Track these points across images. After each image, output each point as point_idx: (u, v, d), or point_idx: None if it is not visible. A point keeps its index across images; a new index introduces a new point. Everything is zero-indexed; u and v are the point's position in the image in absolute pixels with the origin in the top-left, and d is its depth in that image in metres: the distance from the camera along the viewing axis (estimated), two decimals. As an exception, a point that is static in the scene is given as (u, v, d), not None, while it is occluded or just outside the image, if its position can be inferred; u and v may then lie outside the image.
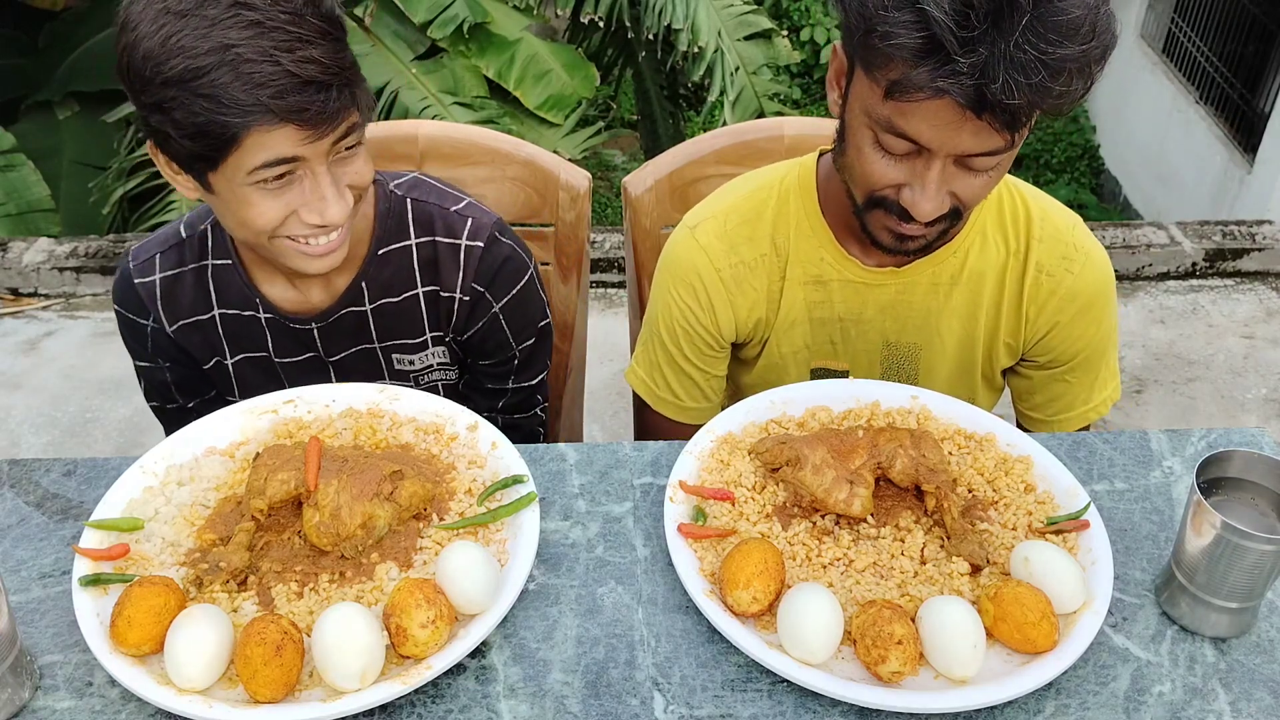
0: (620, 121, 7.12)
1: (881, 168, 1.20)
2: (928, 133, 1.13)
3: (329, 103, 1.13)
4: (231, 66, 1.09)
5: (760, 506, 1.19)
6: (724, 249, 1.41)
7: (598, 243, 3.75)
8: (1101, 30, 1.08)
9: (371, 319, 1.43)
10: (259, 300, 1.41)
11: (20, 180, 4.09)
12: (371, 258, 1.40)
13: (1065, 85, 1.07)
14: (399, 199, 1.42)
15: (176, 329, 1.43)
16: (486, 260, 1.41)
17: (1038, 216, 1.38)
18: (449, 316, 1.45)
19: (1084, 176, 7.13)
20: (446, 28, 4.42)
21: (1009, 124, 1.10)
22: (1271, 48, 5.68)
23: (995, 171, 1.19)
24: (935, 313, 1.42)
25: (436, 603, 1.02)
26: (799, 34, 7.92)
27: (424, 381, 1.51)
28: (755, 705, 1.02)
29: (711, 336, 1.45)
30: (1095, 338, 1.43)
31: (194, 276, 1.41)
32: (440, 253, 1.41)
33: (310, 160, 1.18)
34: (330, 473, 1.14)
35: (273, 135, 1.13)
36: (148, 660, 1.02)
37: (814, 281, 1.41)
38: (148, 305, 1.42)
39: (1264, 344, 3.53)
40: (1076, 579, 1.07)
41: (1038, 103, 1.08)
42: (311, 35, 1.13)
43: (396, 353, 1.47)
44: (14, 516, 1.21)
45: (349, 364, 1.47)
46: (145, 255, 1.42)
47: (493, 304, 1.44)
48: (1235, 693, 1.04)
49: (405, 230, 1.41)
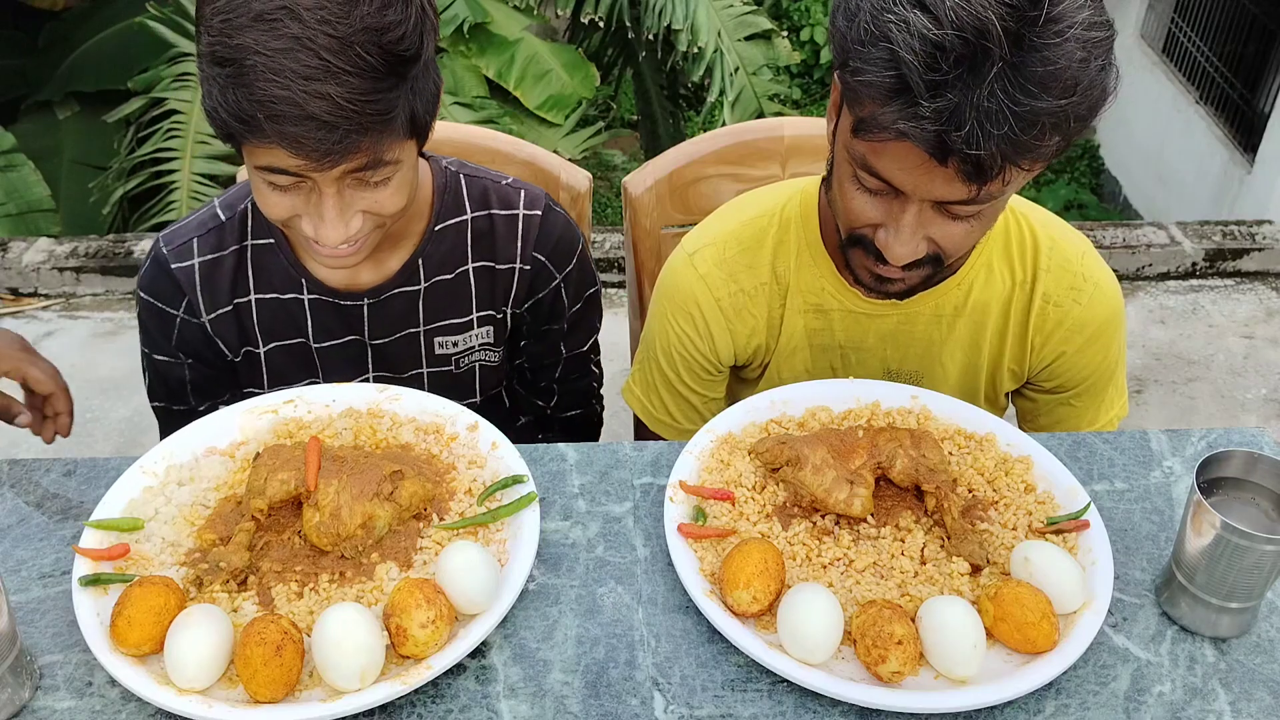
0: (620, 121, 7.12)
1: (859, 204, 1.16)
2: (898, 175, 1.09)
3: (328, 142, 1.07)
4: (248, 73, 1.05)
5: (760, 506, 1.19)
6: (723, 277, 1.39)
7: (598, 243, 3.75)
8: (1087, 86, 1.01)
9: (422, 299, 1.41)
10: (304, 280, 1.37)
11: (20, 180, 4.09)
12: (430, 234, 1.38)
13: (1037, 140, 1.01)
14: (453, 175, 1.41)
15: (214, 318, 1.39)
16: (545, 228, 1.41)
17: (1046, 246, 1.35)
18: (506, 290, 1.43)
19: (1084, 176, 7.13)
20: (446, 28, 4.42)
21: (975, 175, 1.03)
22: (1271, 48, 5.68)
23: (978, 221, 1.14)
24: (938, 343, 1.40)
25: (436, 603, 1.02)
26: (799, 34, 7.92)
27: (464, 364, 1.48)
28: (755, 705, 1.02)
29: (710, 363, 1.45)
30: (1102, 364, 1.41)
31: (234, 259, 1.37)
32: (496, 225, 1.40)
33: (316, 179, 1.14)
34: (330, 473, 1.14)
35: (269, 150, 1.10)
36: (148, 660, 1.02)
37: (814, 310, 1.40)
38: (185, 291, 1.37)
39: (1264, 344, 3.53)
40: (1076, 579, 1.07)
41: (1008, 154, 1.01)
42: (345, 68, 1.05)
43: (440, 335, 1.45)
44: (14, 516, 1.21)
45: (391, 349, 1.44)
46: (182, 239, 1.37)
47: (555, 274, 1.44)
48: (1235, 693, 1.04)
49: (462, 205, 1.40)
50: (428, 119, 1.19)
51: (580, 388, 1.62)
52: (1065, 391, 1.44)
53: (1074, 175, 7.12)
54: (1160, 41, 6.69)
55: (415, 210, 1.36)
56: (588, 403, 1.66)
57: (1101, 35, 1.02)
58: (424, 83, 1.16)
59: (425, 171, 1.39)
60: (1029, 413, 1.51)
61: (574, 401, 1.63)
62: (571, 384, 1.60)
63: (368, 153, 1.13)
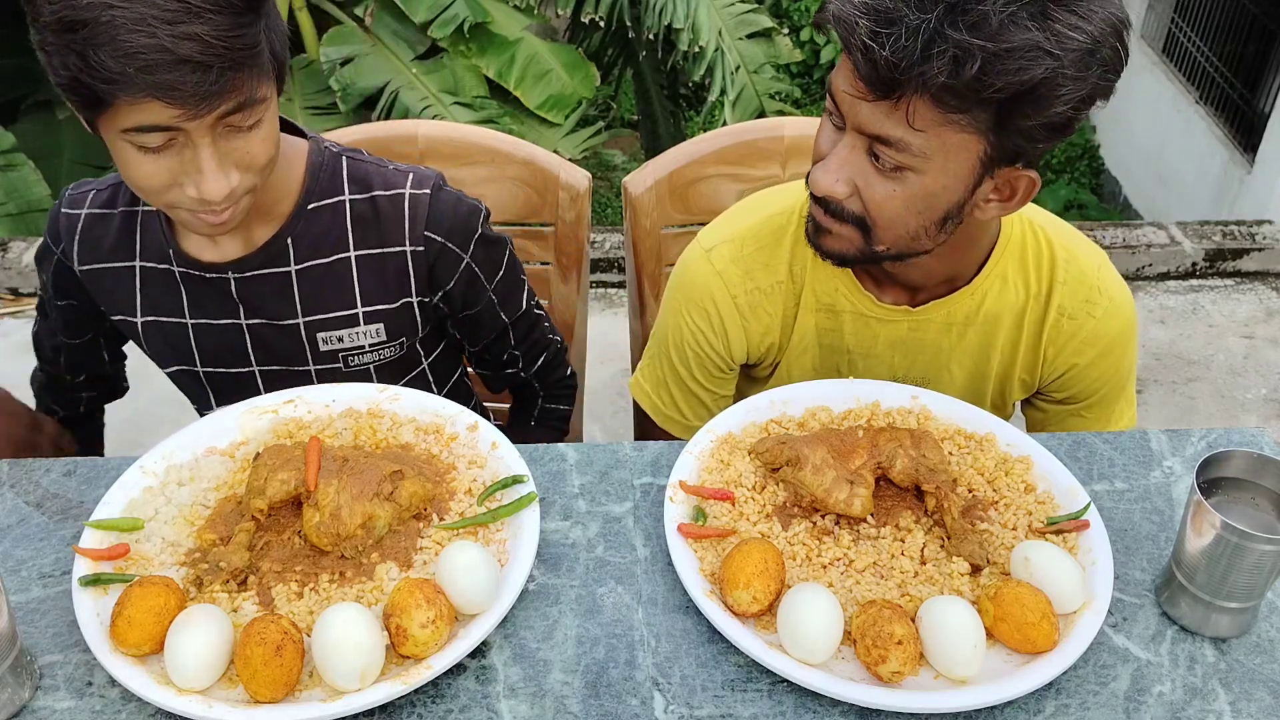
0: (620, 121, 7.13)
1: (822, 138, 1.21)
2: (840, 93, 1.14)
3: (205, 84, 1.06)
4: (106, 29, 1.02)
5: (760, 506, 1.19)
6: (740, 274, 1.39)
7: (598, 243, 3.75)
8: (1024, 49, 1.03)
9: (296, 284, 1.37)
10: (172, 250, 1.35)
11: (20, 180, 4.08)
12: (300, 211, 1.34)
13: (933, 60, 1.03)
14: (333, 155, 1.37)
15: (86, 270, 1.38)
16: (436, 207, 1.36)
17: (1063, 259, 1.35)
18: (401, 276, 1.38)
19: (1084, 176, 7.14)
20: (446, 28, 4.42)
21: (876, 83, 1.08)
22: (1271, 48, 5.68)
23: (899, 184, 1.15)
24: (946, 351, 1.40)
25: (436, 603, 1.02)
26: (799, 33, 7.92)
27: (354, 364, 1.43)
28: (755, 705, 1.02)
29: (722, 360, 1.44)
30: (1114, 377, 1.41)
31: (122, 220, 1.36)
32: (380, 208, 1.35)
33: (190, 132, 1.11)
34: (330, 473, 1.14)
35: (142, 106, 1.08)
36: (148, 660, 1.02)
37: (826, 309, 1.40)
38: (63, 237, 1.37)
39: (1264, 344, 3.53)
40: (1076, 579, 1.07)
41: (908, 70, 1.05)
42: (205, 7, 1.05)
43: (323, 329, 1.39)
44: (14, 516, 1.21)
45: (270, 337, 1.40)
46: (84, 188, 1.38)
47: (460, 254, 1.39)
48: (1235, 693, 1.04)
49: (339, 186, 1.35)
50: (284, 56, 1.19)
51: (537, 338, 1.57)
52: (1077, 403, 1.44)
53: (1074, 175, 7.13)
54: (1160, 41, 6.69)
55: (283, 186, 1.33)
56: (547, 342, 1.60)
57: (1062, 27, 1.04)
58: (275, 19, 1.17)
59: (299, 147, 1.36)
60: (1039, 422, 1.50)
61: (536, 352, 1.59)
62: (531, 342, 1.57)
63: (242, 91, 1.11)
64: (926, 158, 1.12)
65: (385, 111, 4.27)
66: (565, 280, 1.81)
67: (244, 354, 1.42)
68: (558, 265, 1.80)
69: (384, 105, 4.29)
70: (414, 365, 1.51)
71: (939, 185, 1.15)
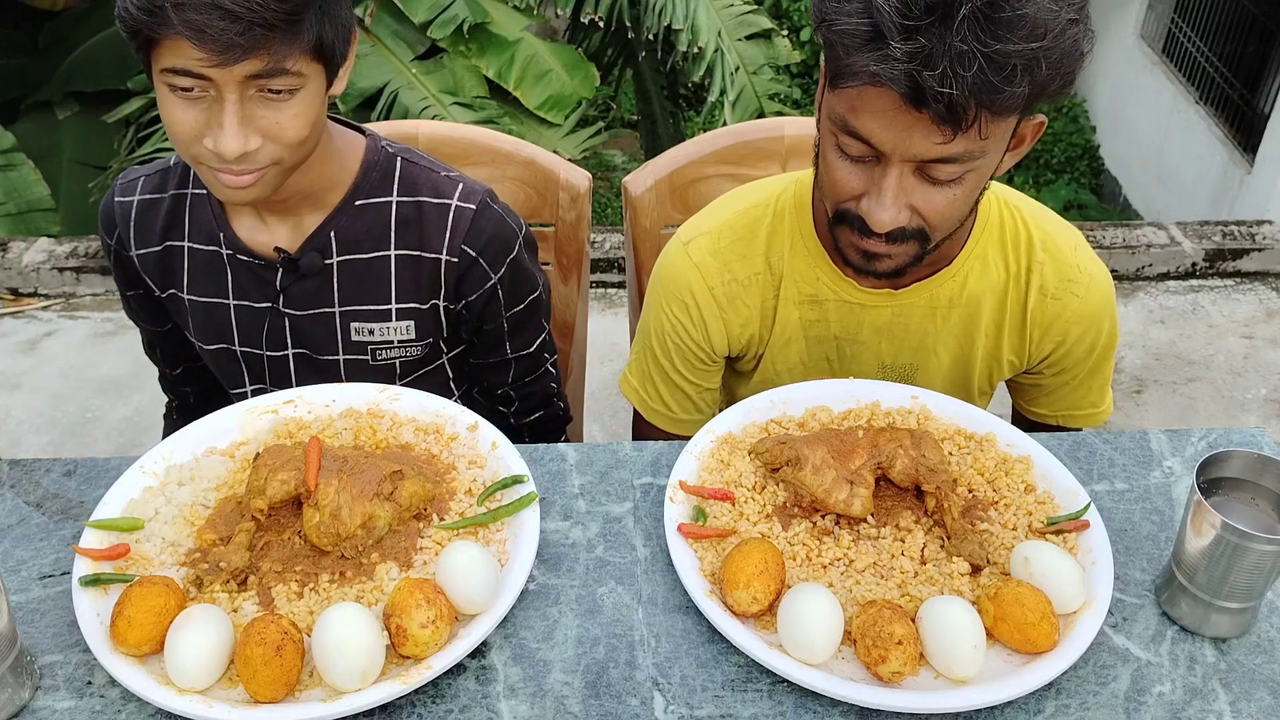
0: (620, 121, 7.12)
1: (843, 174, 1.18)
2: (878, 132, 1.11)
3: (230, 33, 1.10)
4: None
5: (760, 506, 1.19)
6: (717, 266, 1.40)
7: (598, 243, 3.75)
8: (1058, 34, 1.04)
9: (336, 275, 1.40)
10: (224, 234, 1.39)
11: (20, 180, 4.08)
12: (346, 206, 1.37)
13: (1008, 82, 1.03)
14: (389, 155, 1.40)
15: (141, 254, 1.43)
16: (478, 223, 1.39)
17: (1039, 240, 1.37)
18: (434, 281, 1.41)
19: (1084, 176, 7.13)
20: (446, 28, 4.42)
21: (949, 119, 1.06)
22: (1271, 48, 5.68)
23: (959, 187, 1.16)
24: (932, 335, 1.41)
25: (436, 603, 1.02)
26: (799, 34, 7.91)
27: (381, 357, 1.47)
28: (755, 705, 1.02)
29: (704, 351, 1.45)
30: (1103, 342, 1.43)
31: (172, 203, 1.41)
32: (425, 213, 1.38)
33: (220, 85, 1.15)
34: (330, 473, 1.14)
35: (176, 46, 1.12)
36: (148, 660, 1.02)
37: (809, 301, 1.40)
38: (118, 224, 1.42)
39: (1264, 344, 3.53)
40: (1076, 579, 1.07)
41: (980, 97, 1.04)
42: None
43: (356, 320, 1.43)
44: (14, 516, 1.21)
45: (307, 325, 1.43)
46: (133, 176, 1.43)
47: (489, 273, 1.41)
48: (1235, 693, 1.04)
49: (389, 187, 1.39)
50: (337, 49, 1.22)
51: (537, 390, 1.60)
52: (1067, 372, 1.45)
53: (1074, 175, 7.12)
54: (1160, 41, 6.69)
55: (334, 177, 1.36)
56: (549, 403, 1.63)
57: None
58: (336, 8, 1.20)
59: (355, 143, 1.39)
60: (1034, 396, 1.51)
61: (535, 405, 1.61)
62: (527, 388, 1.58)
63: (272, 56, 1.14)
64: (985, 154, 1.14)
65: (385, 112, 4.26)
66: (565, 280, 1.81)
67: (282, 340, 1.45)
68: (558, 265, 1.80)
69: (384, 105, 4.28)
70: (433, 360, 1.54)
71: (989, 168, 1.17)
